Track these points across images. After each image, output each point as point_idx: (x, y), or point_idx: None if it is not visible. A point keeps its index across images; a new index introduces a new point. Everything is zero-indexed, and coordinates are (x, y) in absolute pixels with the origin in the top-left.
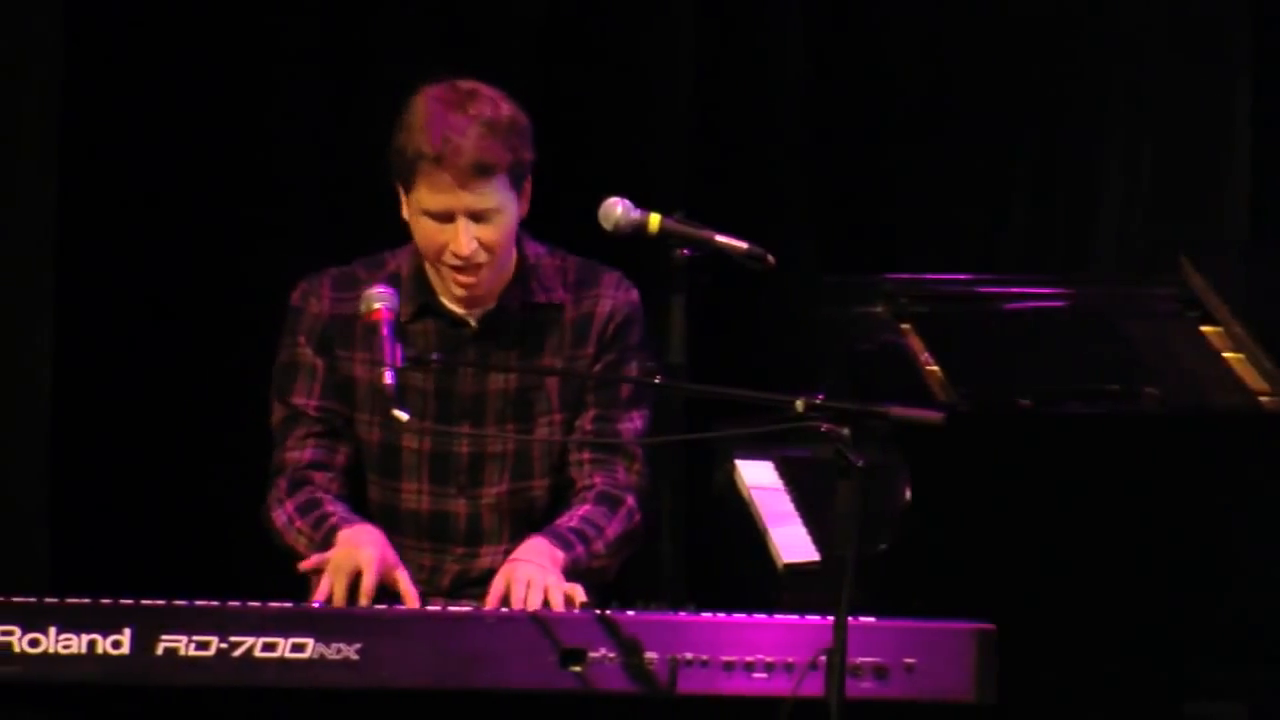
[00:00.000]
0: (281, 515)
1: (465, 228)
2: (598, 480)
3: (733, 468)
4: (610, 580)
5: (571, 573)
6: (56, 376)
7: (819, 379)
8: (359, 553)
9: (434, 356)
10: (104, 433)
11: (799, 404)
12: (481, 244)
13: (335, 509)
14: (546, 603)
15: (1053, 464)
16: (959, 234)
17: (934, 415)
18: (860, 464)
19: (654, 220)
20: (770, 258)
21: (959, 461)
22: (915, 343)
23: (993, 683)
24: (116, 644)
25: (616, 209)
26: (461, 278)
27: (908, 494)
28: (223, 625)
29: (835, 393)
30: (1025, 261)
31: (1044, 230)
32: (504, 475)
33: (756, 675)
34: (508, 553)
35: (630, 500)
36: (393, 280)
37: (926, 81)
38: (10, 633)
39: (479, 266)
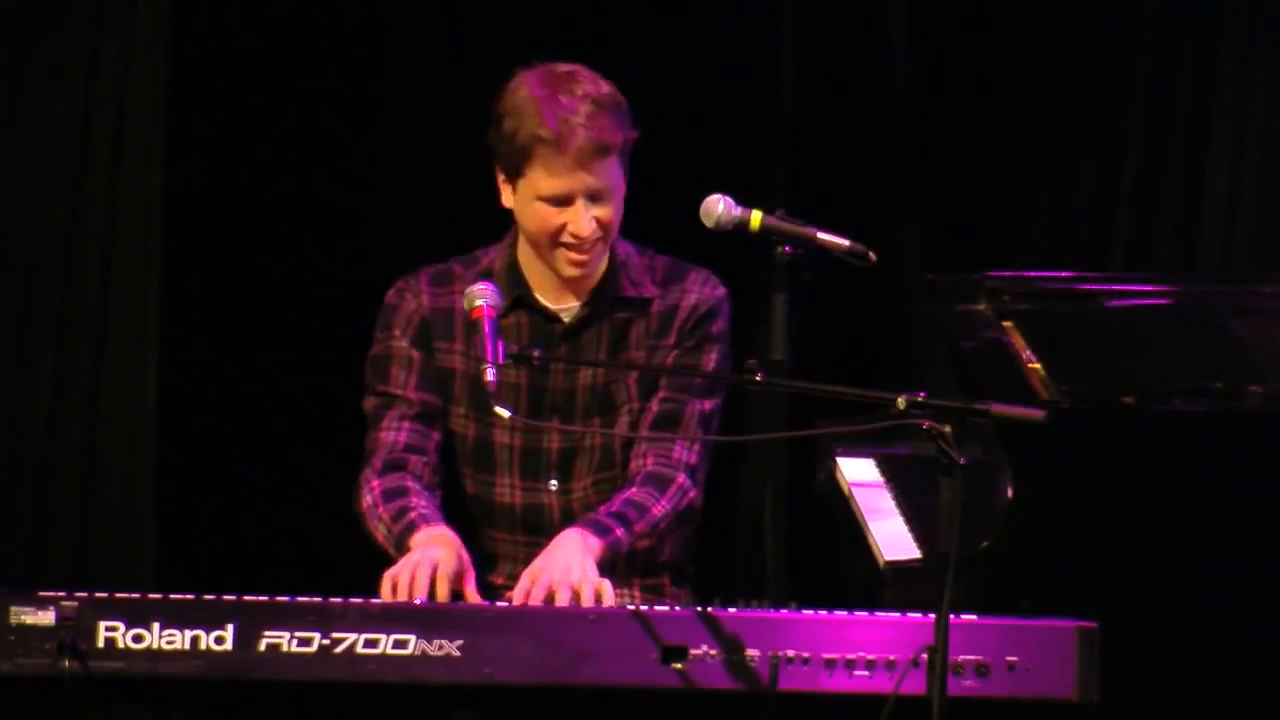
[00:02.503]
0: (368, 497)
1: (584, 208)
2: (649, 461)
3: (834, 465)
4: (663, 559)
5: (611, 556)
6: (162, 377)
7: (921, 376)
8: (435, 552)
9: (535, 353)
10: (209, 431)
11: (901, 401)
12: (598, 223)
13: (418, 502)
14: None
15: (1156, 462)
16: (1065, 232)
17: (1036, 413)
18: (962, 461)
19: (756, 217)
20: (872, 255)
21: (1061, 459)
22: (1017, 340)
23: (1095, 681)
24: (219, 640)
25: (718, 206)
26: (576, 256)
27: (1010, 492)
28: (325, 621)
29: (937, 390)
30: (1131, 259)
31: (1149, 228)
32: (591, 468)
33: (858, 673)
34: None
35: (681, 478)
36: (485, 276)
37: (1033, 79)
38: (115, 628)
39: (594, 244)
